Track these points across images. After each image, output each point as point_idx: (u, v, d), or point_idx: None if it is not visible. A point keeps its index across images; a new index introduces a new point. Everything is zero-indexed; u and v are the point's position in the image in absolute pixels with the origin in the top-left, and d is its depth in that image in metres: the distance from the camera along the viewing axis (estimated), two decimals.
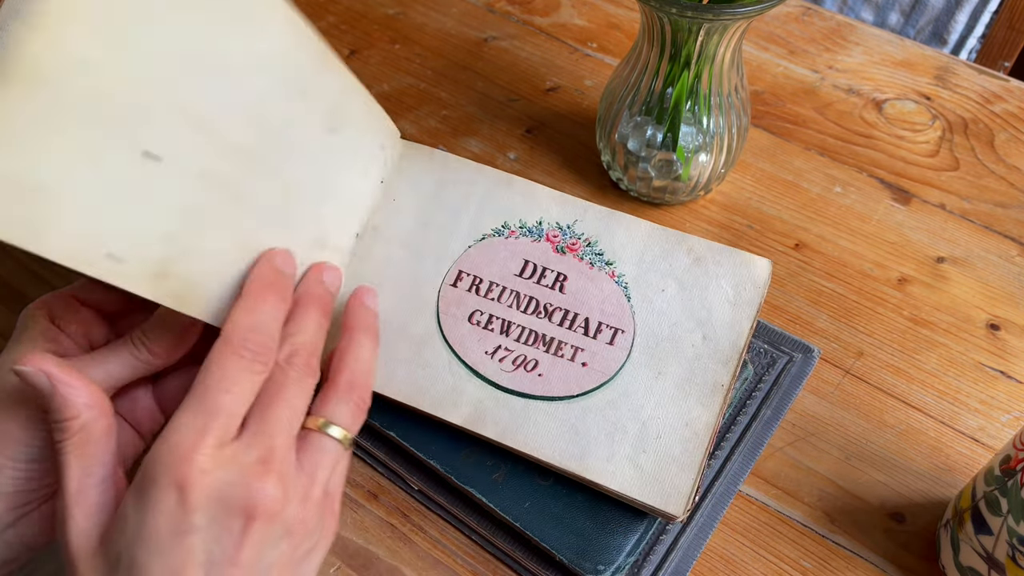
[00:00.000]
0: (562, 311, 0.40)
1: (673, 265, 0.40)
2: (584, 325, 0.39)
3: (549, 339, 0.39)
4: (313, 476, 0.32)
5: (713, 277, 0.40)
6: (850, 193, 0.55)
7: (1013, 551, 0.33)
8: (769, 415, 0.43)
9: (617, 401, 0.38)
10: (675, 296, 0.40)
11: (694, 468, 0.37)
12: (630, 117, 0.50)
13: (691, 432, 0.37)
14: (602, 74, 0.63)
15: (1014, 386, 0.46)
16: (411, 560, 0.39)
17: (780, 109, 0.60)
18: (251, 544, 0.30)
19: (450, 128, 0.59)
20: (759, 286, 0.39)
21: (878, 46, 0.65)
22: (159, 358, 0.34)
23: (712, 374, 0.38)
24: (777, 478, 0.42)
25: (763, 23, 0.67)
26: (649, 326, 0.39)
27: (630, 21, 0.67)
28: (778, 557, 0.40)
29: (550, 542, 0.37)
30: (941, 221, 0.54)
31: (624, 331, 0.39)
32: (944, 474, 0.42)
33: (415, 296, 0.41)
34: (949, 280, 0.50)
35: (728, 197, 0.55)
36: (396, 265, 0.41)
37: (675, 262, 0.40)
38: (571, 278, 0.40)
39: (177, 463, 0.29)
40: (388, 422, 0.41)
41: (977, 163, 0.57)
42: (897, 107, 0.61)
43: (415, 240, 0.41)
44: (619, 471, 0.37)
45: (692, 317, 0.39)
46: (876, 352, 0.47)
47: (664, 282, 0.40)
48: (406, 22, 0.67)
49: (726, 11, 0.41)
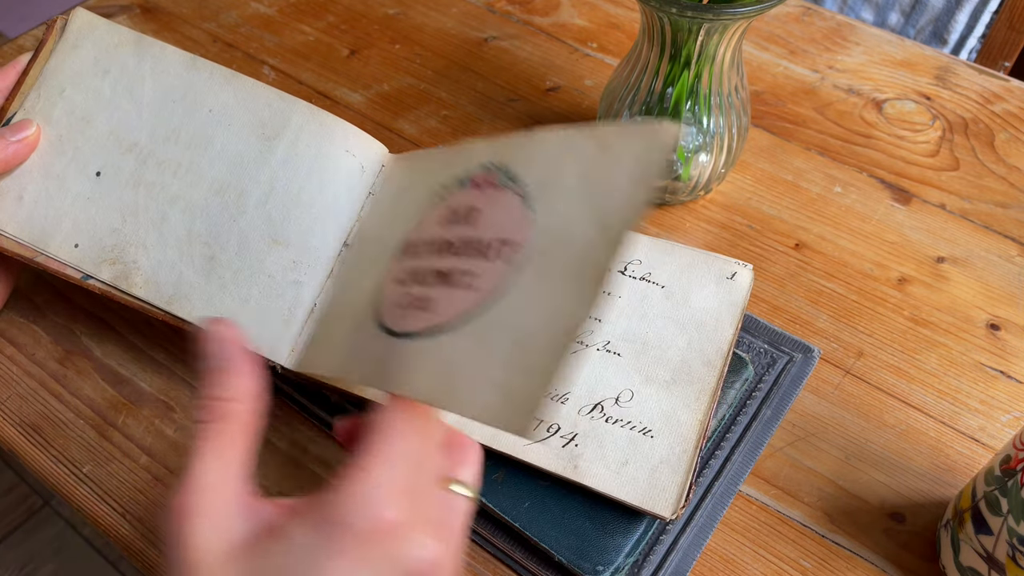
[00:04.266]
0: None
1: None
2: None
3: None
4: (456, 531, 0.29)
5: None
6: (850, 193, 0.55)
7: (1013, 551, 0.33)
8: (769, 415, 0.43)
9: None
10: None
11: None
12: (630, 117, 0.50)
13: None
14: (602, 74, 0.63)
15: (1014, 386, 0.46)
16: None
17: (780, 109, 0.60)
18: None
19: (450, 128, 0.59)
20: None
21: (878, 46, 0.65)
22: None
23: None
24: (777, 478, 0.42)
25: (763, 23, 0.67)
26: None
27: (630, 21, 0.67)
28: (778, 557, 0.40)
29: (549, 542, 0.37)
30: (941, 221, 0.54)
31: None
32: (944, 474, 0.42)
33: None
34: (949, 280, 0.50)
35: (728, 197, 0.55)
36: None
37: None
38: None
39: (376, 518, 0.26)
40: None
41: (977, 163, 0.57)
42: (897, 107, 0.61)
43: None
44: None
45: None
46: (876, 352, 0.47)
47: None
48: (406, 22, 0.67)
49: (726, 11, 0.41)
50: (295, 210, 0.41)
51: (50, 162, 0.43)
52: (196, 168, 0.42)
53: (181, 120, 0.42)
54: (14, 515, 1.20)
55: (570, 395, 0.39)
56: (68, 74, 0.43)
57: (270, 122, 0.42)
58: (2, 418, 0.44)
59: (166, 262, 0.41)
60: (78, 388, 0.45)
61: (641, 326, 0.40)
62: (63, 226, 0.42)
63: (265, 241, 0.41)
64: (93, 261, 0.41)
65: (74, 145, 0.43)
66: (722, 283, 0.41)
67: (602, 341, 0.40)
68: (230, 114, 0.42)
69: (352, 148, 0.42)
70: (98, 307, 0.48)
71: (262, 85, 0.43)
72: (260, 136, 0.42)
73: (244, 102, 0.42)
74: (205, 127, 0.42)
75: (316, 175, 0.42)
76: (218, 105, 0.42)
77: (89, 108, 0.43)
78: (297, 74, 0.63)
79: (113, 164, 0.42)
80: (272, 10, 0.68)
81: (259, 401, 0.29)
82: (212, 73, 0.43)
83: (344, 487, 0.26)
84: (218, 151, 0.42)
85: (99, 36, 0.44)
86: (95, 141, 0.43)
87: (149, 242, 0.41)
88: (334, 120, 0.42)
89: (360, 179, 0.43)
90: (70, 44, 0.44)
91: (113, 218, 0.42)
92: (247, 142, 0.42)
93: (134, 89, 0.43)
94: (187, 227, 0.41)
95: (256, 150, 0.42)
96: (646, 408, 0.39)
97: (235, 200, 0.41)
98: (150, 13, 0.67)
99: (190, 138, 0.42)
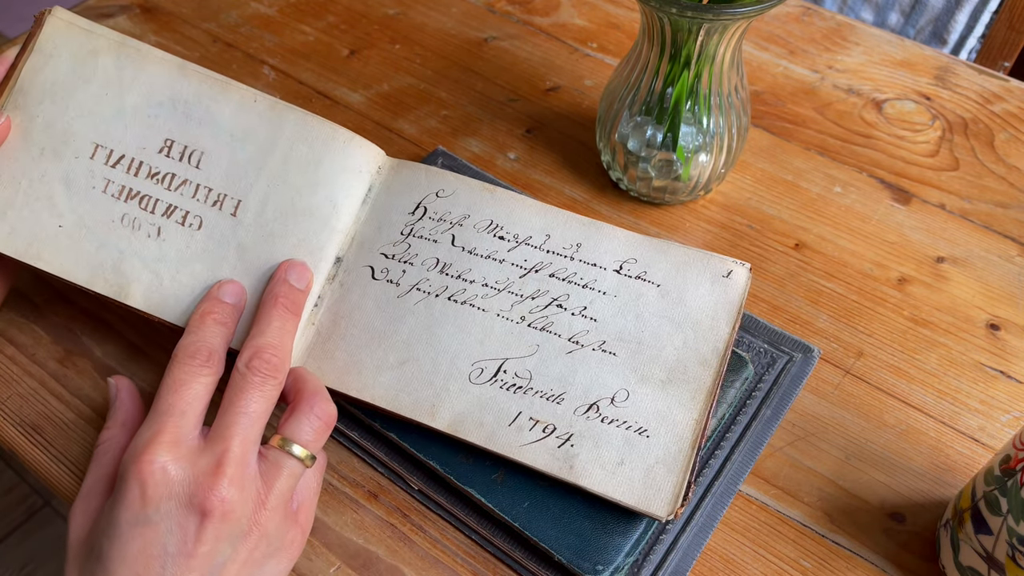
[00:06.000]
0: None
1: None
2: None
3: None
4: (271, 485, 0.34)
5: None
6: (850, 193, 0.55)
7: (1013, 551, 0.33)
8: (769, 415, 0.43)
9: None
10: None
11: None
12: (630, 117, 0.50)
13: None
14: (602, 74, 0.63)
15: (1014, 386, 0.46)
16: (411, 560, 0.39)
17: (780, 109, 0.60)
18: (206, 540, 0.32)
19: (450, 128, 0.59)
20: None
21: (878, 46, 0.65)
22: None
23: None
24: (777, 478, 0.42)
25: (763, 23, 0.67)
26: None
27: (630, 21, 0.67)
28: (778, 557, 0.40)
29: (549, 542, 0.37)
30: (941, 221, 0.54)
31: None
32: (944, 474, 0.42)
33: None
34: (949, 280, 0.50)
35: (728, 197, 0.55)
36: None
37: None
38: None
39: (137, 460, 0.33)
40: (387, 422, 0.41)
41: (977, 163, 0.57)
42: (897, 107, 0.61)
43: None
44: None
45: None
46: (876, 352, 0.47)
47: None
48: (406, 22, 0.67)
49: (726, 11, 0.41)
50: (291, 219, 0.41)
51: (33, 178, 0.41)
52: (189, 179, 0.41)
53: (171, 130, 0.42)
54: (14, 515, 1.20)
55: (566, 395, 0.39)
56: (45, 86, 0.41)
57: (264, 130, 0.42)
58: (2, 418, 0.44)
59: (163, 274, 0.41)
60: (78, 388, 0.45)
61: (636, 325, 0.40)
62: (52, 242, 0.41)
63: (262, 250, 0.41)
64: (87, 275, 0.41)
65: (56, 159, 0.41)
66: (718, 282, 0.40)
67: (597, 341, 0.40)
68: (223, 123, 0.42)
69: (348, 153, 0.42)
70: (98, 307, 0.48)
71: (255, 91, 0.42)
72: (254, 144, 0.42)
73: (236, 110, 0.42)
74: (198, 137, 0.41)
75: (312, 183, 0.42)
76: (210, 114, 0.42)
77: (70, 121, 0.41)
78: (297, 74, 0.63)
79: (101, 176, 0.41)
80: (272, 10, 0.68)
81: (126, 421, 0.39)
82: (203, 81, 0.42)
83: None
84: (212, 161, 0.41)
85: (77, 44, 0.42)
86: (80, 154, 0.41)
87: (145, 254, 0.41)
88: (331, 127, 0.42)
89: (357, 184, 0.43)
90: (46, 54, 0.41)
91: (104, 232, 0.41)
92: (241, 151, 0.42)
93: (117, 99, 0.42)
94: (185, 239, 0.41)
95: (250, 159, 0.41)
96: (642, 408, 0.38)
97: (231, 211, 0.41)
98: (150, 13, 0.67)
99: (182, 148, 0.41)
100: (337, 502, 0.41)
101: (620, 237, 0.42)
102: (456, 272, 0.41)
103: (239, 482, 0.33)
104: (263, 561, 0.34)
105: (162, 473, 0.33)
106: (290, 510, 0.36)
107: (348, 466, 0.42)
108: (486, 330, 0.40)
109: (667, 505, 0.37)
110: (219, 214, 0.41)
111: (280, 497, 0.35)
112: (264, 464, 0.35)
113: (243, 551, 0.33)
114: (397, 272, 0.42)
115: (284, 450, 0.35)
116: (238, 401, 0.35)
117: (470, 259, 0.42)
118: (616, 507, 0.38)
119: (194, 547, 0.32)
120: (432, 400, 0.39)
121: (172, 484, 0.32)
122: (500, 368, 0.40)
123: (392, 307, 0.41)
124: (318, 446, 0.36)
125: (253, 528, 0.34)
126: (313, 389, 0.37)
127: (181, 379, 0.35)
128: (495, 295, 0.41)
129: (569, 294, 0.41)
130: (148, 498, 0.32)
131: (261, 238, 0.41)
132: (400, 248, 0.42)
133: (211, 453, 0.33)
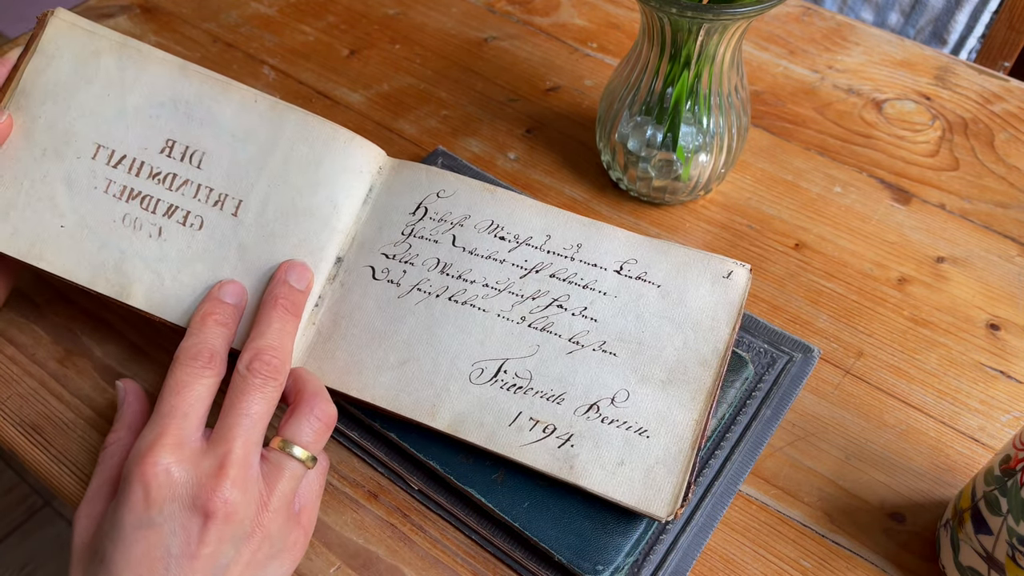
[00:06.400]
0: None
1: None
2: None
3: None
4: (273, 487, 0.35)
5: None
6: (850, 193, 0.55)
7: (1013, 551, 0.33)
8: (769, 415, 0.43)
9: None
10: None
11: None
12: (630, 117, 0.50)
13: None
14: (602, 74, 0.63)
15: (1014, 386, 0.46)
16: (411, 560, 0.39)
17: (780, 109, 0.60)
18: (209, 541, 0.32)
19: (450, 128, 0.59)
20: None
21: (878, 46, 0.65)
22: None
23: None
24: (777, 478, 0.42)
25: (763, 23, 0.67)
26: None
27: (630, 21, 0.67)
28: (778, 557, 0.40)
29: (549, 542, 0.37)
30: (941, 221, 0.54)
31: None
32: (944, 474, 0.42)
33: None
34: (949, 280, 0.50)
35: (728, 197, 0.55)
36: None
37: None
38: None
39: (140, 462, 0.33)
40: (387, 422, 0.41)
41: (977, 163, 0.57)
42: (897, 107, 0.61)
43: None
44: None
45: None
46: (876, 352, 0.47)
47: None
48: (406, 22, 0.67)
49: (726, 11, 0.41)
50: (292, 219, 0.41)
51: (35, 178, 0.41)
52: (190, 179, 0.41)
53: (173, 130, 0.42)
54: (14, 515, 1.20)
55: (566, 395, 0.39)
56: (47, 87, 0.41)
57: (265, 130, 0.42)
58: (2, 418, 0.44)
59: (164, 274, 0.41)
60: (78, 388, 0.45)
61: (637, 326, 0.40)
62: (54, 242, 0.41)
63: (263, 250, 0.41)
64: (88, 275, 0.41)
65: (58, 160, 0.41)
66: (718, 282, 0.40)
67: (597, 341, 0.40)
68: (224, 123, 0.42)
69: (349, 154, 0.42)
70: (98, 307, 0.48)
71: (256, 92, 0.42)
72: (255, 145, 0.42)
73: (237, 110, 0.42)
74: (199, 137, 0.41)
75: (312, 183, 0.42)
76: (211, 115, 0.42)
77: (72, 121, 0.41)
78: (297, 74, 0.63)
79: (103, 177, 0.41)
80: (272, 10, 0.68)
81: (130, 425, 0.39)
82: (204, 81, 0.42)
83: None
84: (213, 161, 0.41)
85: (79, 45, 0.42)
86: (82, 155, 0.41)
87: (146, 254, 0.41)
88: (331, 127, 0.42)
89: (358, 184, 0.43)
90: (48, 55, 0.41)
91: (106, 232, 0.41)
92: (242, 151, 0.42)
93: (119, 99, 0.42)
94: (186, 239, 0.41)
95: (251, 159, 0.41)
96: (642, 408, 0.38)
97: (232, 211, 0.41)
98: (150, 13, 0.67)
99: (183, 149, 0.41)
100: (337, 502, 0.41)
101: (620, 237, 0.42)
102: (457, 272, 0.41)
103: (242, 484, 0.33)
104: (266, 563, 0.35)
105: (165, 475, 0.33)
106: (292, 512, 0.36)
107: (348, 466, 0.42)
108: (486, 330, 0.40)
109: (667, 505, 0.37)
110: (220, 214, 0.41)
111: (282, 499, 0.35)
112: (266, 466, 0.35)
113: (246, 552, 0.34)
114: (398, 272, 0.42)
115: (285, 452, 0.35)
116: (239, 403, 0.35)
117: (471, 259, 0.42)
118: (616, 507, 0.38)
119: (197, 548, 0.32)
120: (432, 400, 0.39)
121: (175, 486, 0.33)
122: (500, 368, 0.40)
123: (393, 307, 0.41)
124: (318, 447, 0.36)
125: (256, 529, 0.34)
126: (313, 390, 0.37)
127: (183, 381, 0.35)
128: (496, 295, 0.41)
129: (569, 294, 0.41)
130: (152, 500, 0.32)
131: (262, 238, 0.41)
132: (401, 248, 0.42)
133: (214, 455, 0.34)
